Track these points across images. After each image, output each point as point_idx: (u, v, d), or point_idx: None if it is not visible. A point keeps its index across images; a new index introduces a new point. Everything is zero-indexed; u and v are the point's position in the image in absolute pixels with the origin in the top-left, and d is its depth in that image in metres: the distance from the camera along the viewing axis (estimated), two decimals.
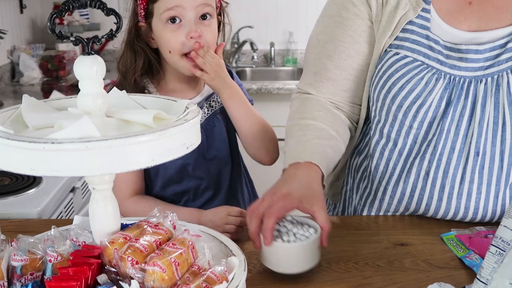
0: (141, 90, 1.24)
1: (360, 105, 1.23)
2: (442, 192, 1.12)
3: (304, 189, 0.98)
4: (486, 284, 0.80)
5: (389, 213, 1.22)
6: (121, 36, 1.27)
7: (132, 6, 1.26)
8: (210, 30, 1.23)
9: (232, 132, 1.34)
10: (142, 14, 1.24)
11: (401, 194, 1.17)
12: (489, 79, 1.08)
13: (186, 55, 1.21)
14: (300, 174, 1.02)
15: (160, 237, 0.81)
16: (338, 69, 1.18)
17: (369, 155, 1.22)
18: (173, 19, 1.19)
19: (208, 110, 1.30)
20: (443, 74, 1.09)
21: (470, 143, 1.09)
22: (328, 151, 1.10)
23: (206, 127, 1.29)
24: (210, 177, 1.30)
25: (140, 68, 1.24)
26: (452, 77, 1.09)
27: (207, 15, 1.22)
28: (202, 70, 1.20)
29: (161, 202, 1.25)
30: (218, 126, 1.30)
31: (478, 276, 0.81)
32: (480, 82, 1.08)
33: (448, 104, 1.09)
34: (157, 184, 1.28)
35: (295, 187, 0.98)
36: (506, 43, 1.08)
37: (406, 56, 1.12)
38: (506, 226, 0.80)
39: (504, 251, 0.79)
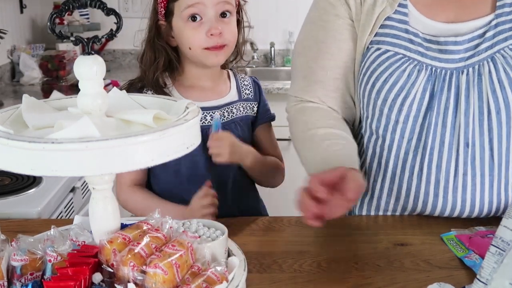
0: (161, 87, 1.27)
1: (353, 105, 1.24)
2: (438, 188, 1.12)
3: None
4: (486, 284, 0.80)
5: (388, 213, 1.22)
6: (139, 35, 1.30)
7: (152, 5, 1.27)
8: (230, 27, 1.24)
9: (249, 143, 1.33)
10: (163, 12, 1.25)
11: (397, 192, 1.17)
12: (471, 69, 1.09)
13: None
14: None
15: (159, 242, 0.81)
16: (324, 70, 1.20)
17: (363, 153, 1.23)
18: (193, 17, 1.21)
19: (228, 115, 1.30)
20: (424, 65, 1.10)
21: (459, 134, 1.09)
22: (353, 155, 1.13)
23: (223, 130, 1.28)
24: (221, 178, 1.29)
25: (162, 65, 1.26)
26: (434, 68, 1.10)
27: (227, 12, 1.23)
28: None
29: (155, 197, 1.27)
30: (235, 132, 1.29)
31: (478, 276, 0.81)
32: (462, 73, 1.10)
33: (432, 97, 1.10)
34: (165, 183, 1.28)
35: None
36: (484, 33, 1.10)
37: (388, 51, 1.13)
38: (506, 226, 0.80)
39: (504, 251, 0.79)
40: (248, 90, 1.36)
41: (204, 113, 1.27)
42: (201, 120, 1.24)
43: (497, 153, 1.10)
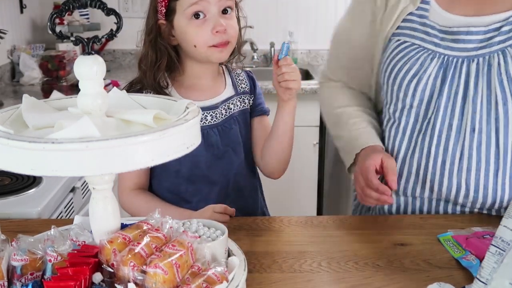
0: (162, 88, 1.25)
1: (373, 94, 1.40)
2: (444, 168, 1.18)
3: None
4: (486, 284, 0.80)
5: (400, 193, 1.26)
6: (140, 36, 1.28)
7: (151, 5, 1.25)
8: (232, 23, 1.24)
9: (248, 137, 1.34)
10: (163, 11, 1.23)
11: (407, 172, 1.24)
12: (481, 59, 1.15)
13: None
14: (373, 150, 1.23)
15: (159, 242, 0.81)
16: (346, 57, 1.39)
17: (383, 137, 1.31)
18: (197, 15, 1.20)
19: (226, 112, 1.30)
20: (437, 54, 1.19)
21: (466, 119, 1.15)
22: (376, 132, 1.30)
23: (223, 128, 1.28)
24: (223, 178, 1.30)
25: (164, 66, 1.25)
26: (446, 57, 1.18)
27: (228, 9, 1.23)
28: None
29: (158, 200, 1.26)
30: (235, 128, 1.30)
31: (478, 276, 0.81)
32: (472, 61, 1.15)
33: (442, 83, 1.17)
34: (166, 183, 1.28)
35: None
36: (501, 27, 1.14)
37: (405, 42, 1.23)
38: (506, 226, 0.80)
39: (504, 251, 0.79)
40: (244, 84, 1.36)
41: (204, 113, 1.26)
42: (201, 121, 1.24)
43: (503, 143, 1.14)
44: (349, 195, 2.89)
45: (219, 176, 1.29)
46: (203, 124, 1.25)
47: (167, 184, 1.28)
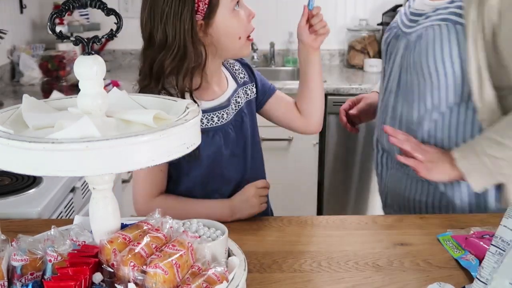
0: (188, 92, 1.18)
1: None
2: None
3: None
4: (486, 284, 0.80)
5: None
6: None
7: (188, 6, 1.14)
8: None
9: (254, 127, 1.34)
10: (204, 10, 1.16)
11: None
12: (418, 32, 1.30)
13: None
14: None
15: (159, 242, 0.81)
16: None
17: None
18: (236, 5, 1.19)
19: (235, 106, 1.28)
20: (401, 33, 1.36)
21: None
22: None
23: (235, 124, 1.27)
24: (238, 172, 1.28)
25: (202, 67, 1.19)
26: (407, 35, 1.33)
27: None
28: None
29: (186, 199, 1.24)
30: (246, 121, 1.30)
31: (478, 276, 0.81)
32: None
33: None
34: (185, 183, 1.25)
35: None
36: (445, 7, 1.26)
37: (389, 28, 1.44)
38: (506, 226, 0.80)
39: (504, 251, 0.79)
40: (242, 74, 1.34)
41: (220, 112, 1.23)
42: (219, 120, 1.23)
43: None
44: (349, 195, 2.89)
45: (235, 173, 1.28)
46: (221, 123, 1.23)
47: (182, 187, 1.25)
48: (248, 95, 1.33)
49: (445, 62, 1.22)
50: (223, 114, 1.24)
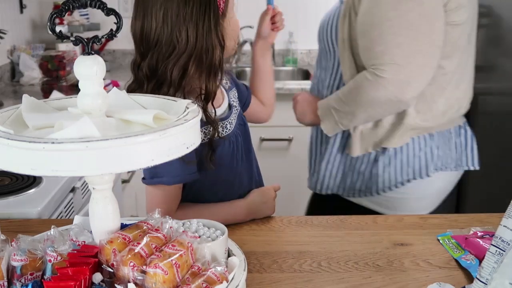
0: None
1: None
2: None
3: None
4: (486, 284, 0.80)
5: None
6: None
7: (212, 6, 1.10)
8: None
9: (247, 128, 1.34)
10: (223, 8, 1.13)
11: None
12: None
13: None
14: None
15: (159, 242, 0.81)
16: None
17: None
18: None
19: (235, 110, 1.26)
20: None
21: None
22: None
23: (239, 126, 1.26)
24: (248, 173, 1.29)
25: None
26: None
27: None
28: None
29: (203, 205, 1.20)
30: (246, 122, 1.31)
31: (478, 276, 0.81)
32: None
33: None
34: (208, 191, 1.21)
35: None
36: None
37: None
38: (506, 226, 0.80)
39: (504, 251, 0.79)
40: (225, 79, 1.28)
41: (231, 119, 1.22)
42: (231, 125, 1.21)
43: None
44: None
45: (247, 172, 1.27)
46: (231, 128, 1.21)
47: (189, 197, 1.21)
48: (235, 98, 1.31)
49: (332, 33, 1.57)
50: (231, 121, 1.23)
